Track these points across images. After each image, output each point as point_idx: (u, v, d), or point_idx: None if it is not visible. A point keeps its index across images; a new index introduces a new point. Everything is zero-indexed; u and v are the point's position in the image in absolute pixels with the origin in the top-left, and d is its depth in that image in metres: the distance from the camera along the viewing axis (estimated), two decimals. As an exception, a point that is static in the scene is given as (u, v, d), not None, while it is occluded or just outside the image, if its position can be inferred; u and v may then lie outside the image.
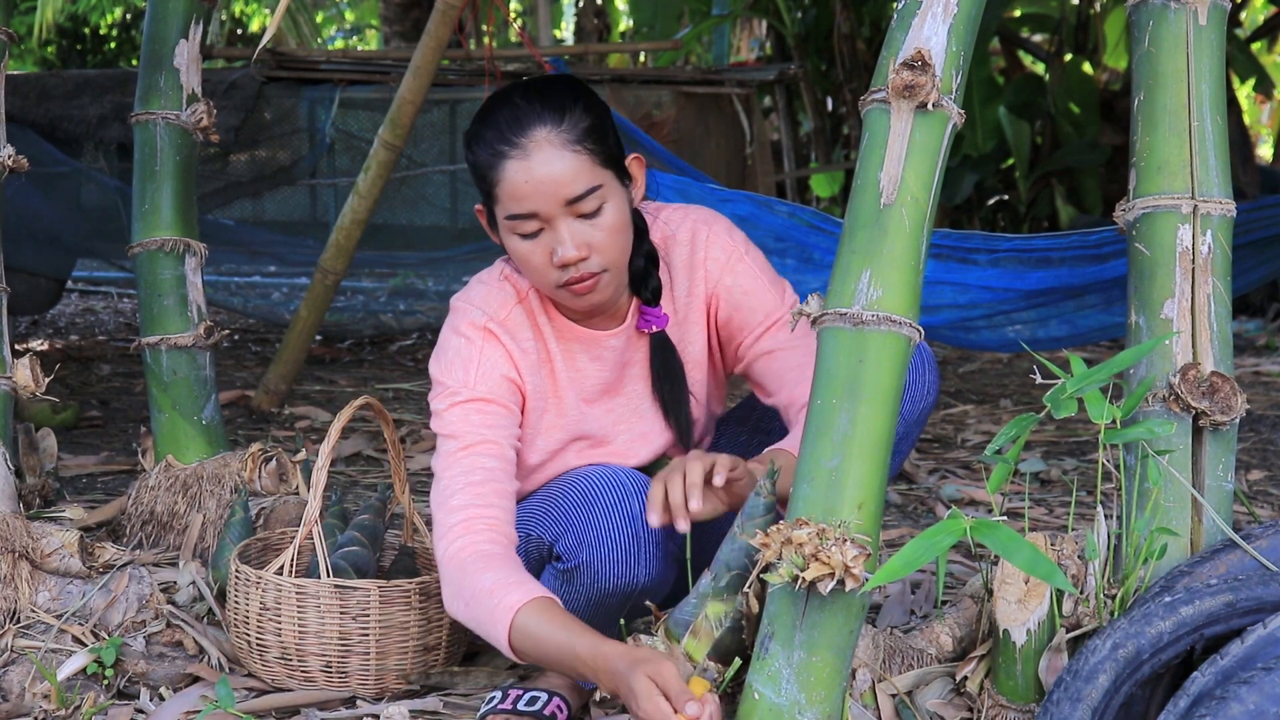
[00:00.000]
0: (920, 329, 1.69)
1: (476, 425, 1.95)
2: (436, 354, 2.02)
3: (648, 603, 1.90)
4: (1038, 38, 9.71)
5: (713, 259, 2.03)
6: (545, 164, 1.83)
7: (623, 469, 1.99)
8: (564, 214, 1.85)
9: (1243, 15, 9.62)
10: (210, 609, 2.40)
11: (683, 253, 2.05)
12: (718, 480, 1.76)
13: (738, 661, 1.76)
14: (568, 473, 2.05)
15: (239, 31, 14.51)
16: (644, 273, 2.01)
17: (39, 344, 2.57)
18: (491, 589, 1.81)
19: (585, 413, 2.07)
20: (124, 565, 2.29)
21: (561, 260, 1.86)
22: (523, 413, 2.02)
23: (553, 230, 1.86)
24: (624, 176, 1.93)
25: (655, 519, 1.78)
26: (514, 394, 1.99)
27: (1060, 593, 1.76)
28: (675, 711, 1.59)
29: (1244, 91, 9.82)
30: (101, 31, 13.77)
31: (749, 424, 2.27)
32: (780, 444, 1.94)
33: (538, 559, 2.02)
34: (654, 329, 2.04)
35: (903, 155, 1.69)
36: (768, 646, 1.65)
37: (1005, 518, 1.64)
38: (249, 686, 2.18)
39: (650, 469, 2.09)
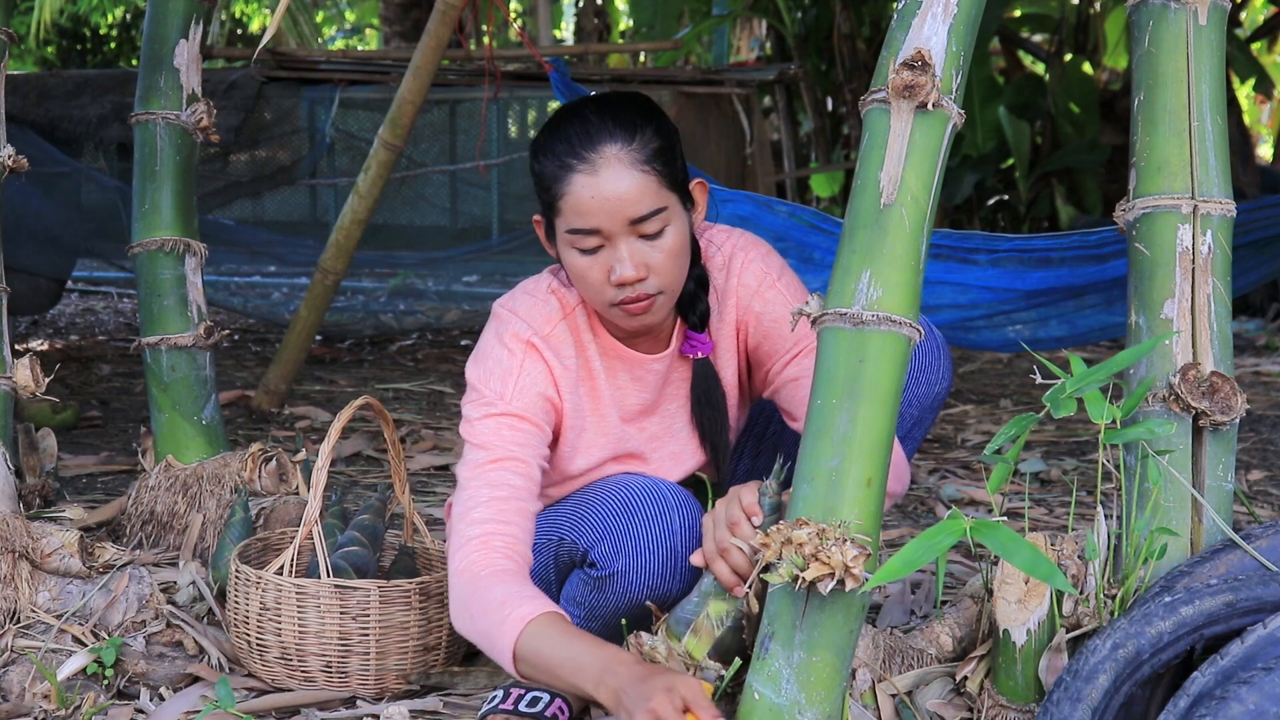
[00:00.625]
0: (920, 329, 1.69)
1: (507, 440, 1.92)
2: (476, 359, 1.99)
3: (648, 602, 1.90)
4: (1038, 38, 9.72)
5: (744, 284, 2.01)
6: (613, 181, 1.81)
7: (663, 481, 1.97)
8: (626, 233, 1.83)
9: (1243, 15, 9.63)
10: (210, 609, 2.40)
11: (718, 278, 2.02)
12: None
13: (738, 661, 1.76)
14: (606, 479, 2.02)
15: (239, 31, 14.51)
16: (693, 296, 1.98)
17: (39, 344, 2.57)
18: (503, 601, 1.79)
19: (625, 430, 2.05)
20: (124, 565, 2.29)
21: (619, 279, 1.84)
22: (559, 430, 2.00)
23: (613, 248, 1.84)
24: (687, 200, 1.91)
25: (699, 561, 1.79)
26: (549, 413, 1.97)
27: (1060, 593, 1.76)
28: None
29: (1244, 91, 9.82)
30: (101, 31, 13.78)
31: (753, 433, 2.26)
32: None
33: (567, 563, 2.00)
34: (699, 355, 2.02)
35: (903, 155, 1.69)
36: (768, 646, 1.65)
37: (1005, 518, 1.64)
38: (249, 686, 2.18)
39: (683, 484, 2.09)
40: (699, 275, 1.99)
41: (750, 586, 1.75)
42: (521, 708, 2.00)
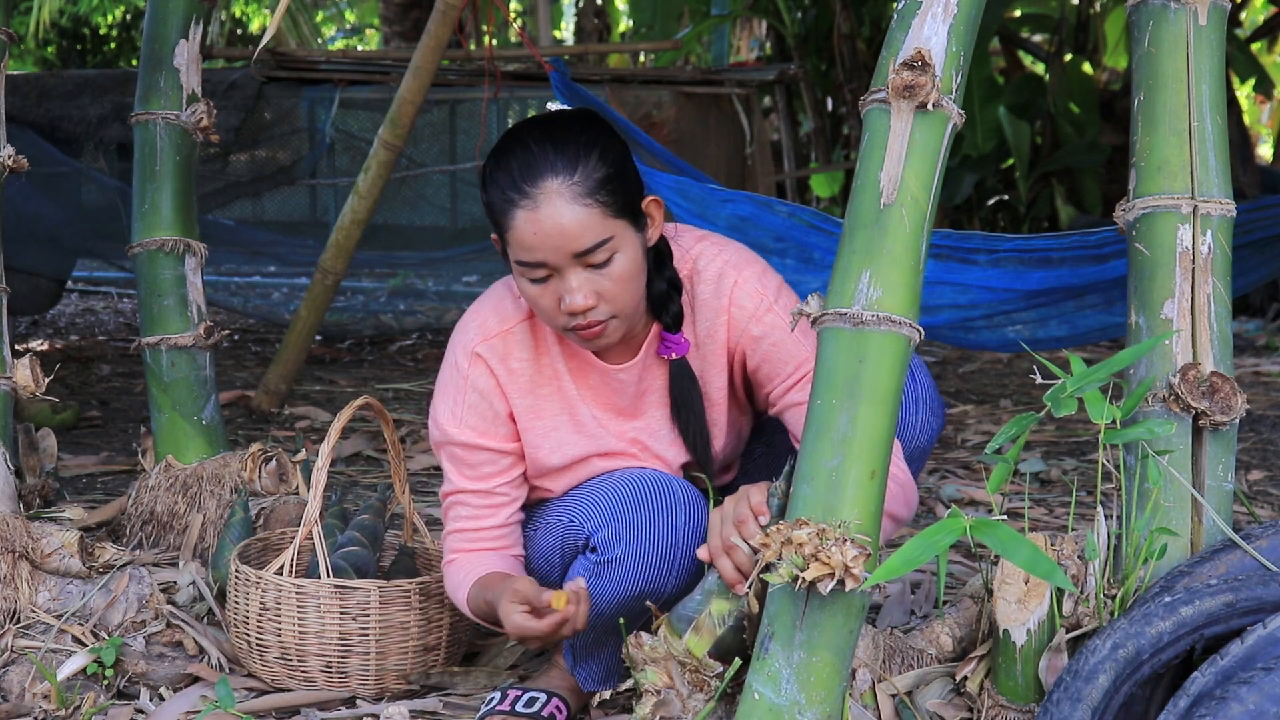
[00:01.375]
0: (920, 329, 1.69)
1: (464, 476, 2.04)
2: (438, 379, 2.07)
3: (647, 602, 1.90)
4: (1038, 38, 9.72)
5: (738, 305, 1.97)
6: (554, 217, 1.79)
7: (677, 479, 1.98)
8: (572, 264, 1.82)
9: (1243, 15, 9.63)
10: (210, 609, 2.40)
11: (707, 289, 1.99)
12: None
13: (738, 661, 1.76)
14: (622, 470, 2.02)
15: (239, 31, 14.51)
16: (665, 297, 1.97)
17: (39, 344, 2.57)
18: (457, 586, 2.05)
19: (601, 430, 2.04)
20: (124, 565, 2.29)
21: (569, 309, 1.84)
22: (521, 432, 2.03)
23: (561, 279, 1.84)
24: (640, 221, 1.89)
25: (704, 555, 1.80)
26: (501, 427, 2.01)
27: (1060, 593, 1.76)
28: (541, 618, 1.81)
29: (1244, 91, 9.82)
30: (101, 31, 13.78)
31: (761, 438, 2.25)
32: None
33: (572, 546, 2.00)
34: (674, 355, 2.01)
35: (903, 155, 1.69)
36: (768, 646, 1.65)
37: (1005, 518, 1.64)
38: (249, 686, 2.18)
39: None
40: (670, 278, 1.97)
41: (751, 586, 1.75)
42: (519, 708, 2.01)
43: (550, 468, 2.04)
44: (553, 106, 7.05)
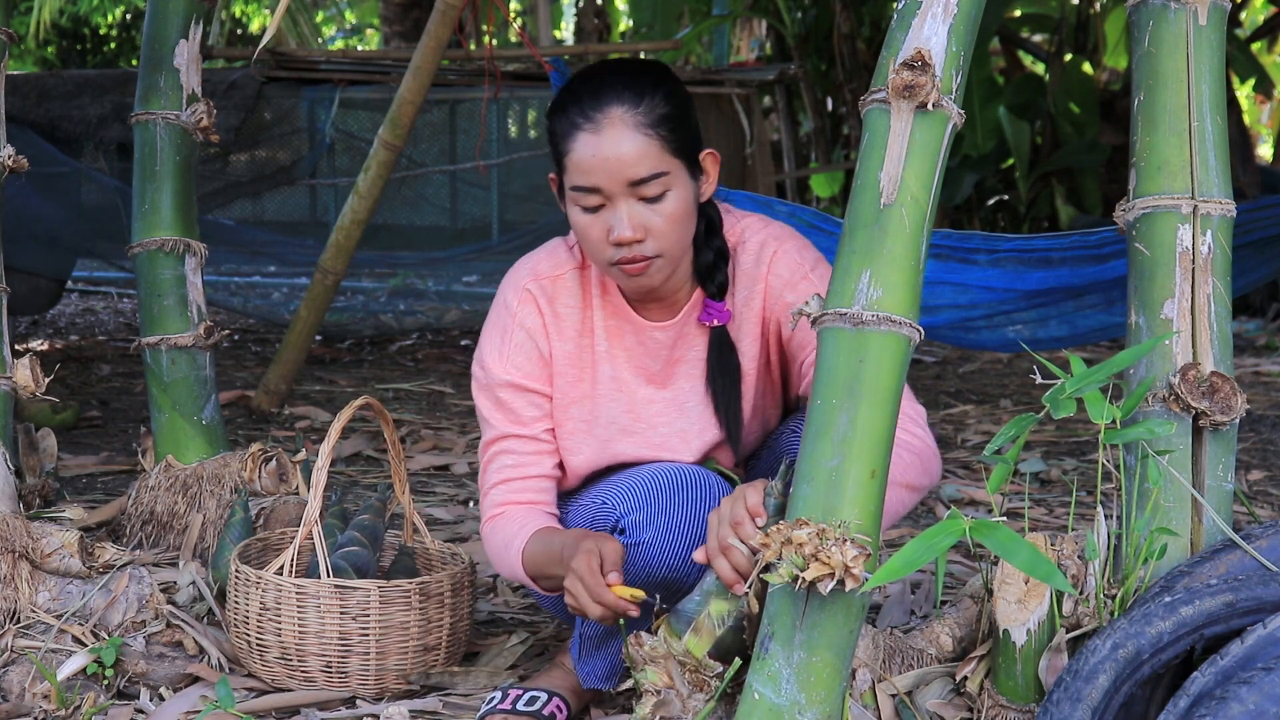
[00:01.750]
0: (920, 329, 1.69)
1: (508, 420, 2.04)
2: (486, 322, 2.10)
3: (657, 595, 1.90)
4: (1038, 38, 9.72)
5: (775, 274, 2.04)
6: (614, 142, 1.86)
7: (711, 474, 2.01)
8: (626, 194, 1.88)
9: (1243, 15, 9.63)
10: (210, 609, 2.40)
11: (748, 259, 2.05)
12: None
13: (738, 661, 1.76)
14: (659, 464, 2.05)
15: (239, 31, 14.51)
16: (712, 266, 2.02)
17: (39, 344, 2.57)
18: (508, 542, 2.00)
19: (623, 393, 2.08)
20: (124, 565, 2.29)
21: (616, 239, 1.88)
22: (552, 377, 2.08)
23: (613, 208, 1.89)
24: (695, 169, 1.94)
25: (700, 557, 1.79)
26: (545, 369, 2.05)
27: (1060, 593, 1.76)
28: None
29: (1244, 91, 9.82)
30: (101, 31, 13.79)
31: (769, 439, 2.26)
32: None
33: (601, 527, 2.03)
34: (715, 322, 2.05)
35: (903, 155, 1.69)
36: (768, 646, 1.65)
37: (1005, 518, 1.64)
38: (249, 686, 2.18)
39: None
40: (719, 247, 2.03)
41: (750, 586, 1.75)
42: (520, 707, 2.01)
43: (564, 420, 2.08)
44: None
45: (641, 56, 10.47)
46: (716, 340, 2.05)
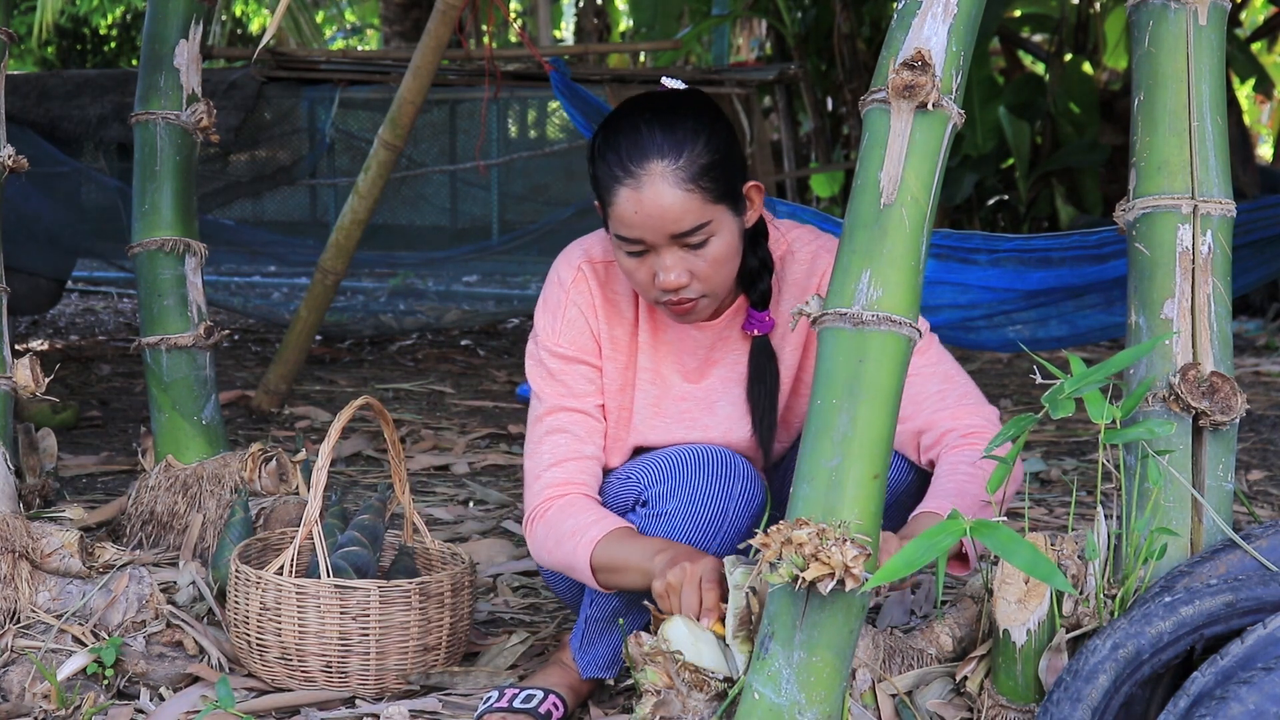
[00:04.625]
0: (920, 329, 1.69)
1: (561, 393, 2.04)
2: (540, 296, 2.11)
3: (645, 602, 1.90)
4: (1038, 38, 9.72)
5: (828, 283, 2.04)
6: (656, 199, 1.85)
7: (741, 458, 2.01)
8: (670, 244, 1.89)
9: (1243, 15, 9.63)
10: (210, 609, 2.40)
11: (798, 270, 2.06)
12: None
13: (743, 679, 1.76)
14: (693, 445, 2.06)
15: (239, 31, 14.51)
16: (755, 275, 2.03)
17: (39, 344, 2.57)
18: (573, 531, 1.94)
19: (657, 385, 2.09)
20: (124, 565, 2.29)
21: (662, 285, 1.91)
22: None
23: (657, 255, 1.90)
24: (739, 206, 1.94)
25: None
26: (595, 345, 2.06)
27: (1060, 593, 1.76)
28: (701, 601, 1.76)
29: (1244, 91, 9.82)
30: (101, 31, 13.79)
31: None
32: (922, 507, 1.93)
33: (626, 500, 2.04)
34: (757, 332, 2.06)
35: (903, 155, 1.69)
36: (768, 646, 1.65)
37: (1005, 518, 1.64)
38: (249, 686, 2.18)
39: None
40: (763, 257, 2.04)
41: (750, 588, 1.75)
42: (516, 704, 2.02)
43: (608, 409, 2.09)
44: (554, 107, 7.06)
45: (641, 57, 10.47)
46: (758, 349, 2.07)
